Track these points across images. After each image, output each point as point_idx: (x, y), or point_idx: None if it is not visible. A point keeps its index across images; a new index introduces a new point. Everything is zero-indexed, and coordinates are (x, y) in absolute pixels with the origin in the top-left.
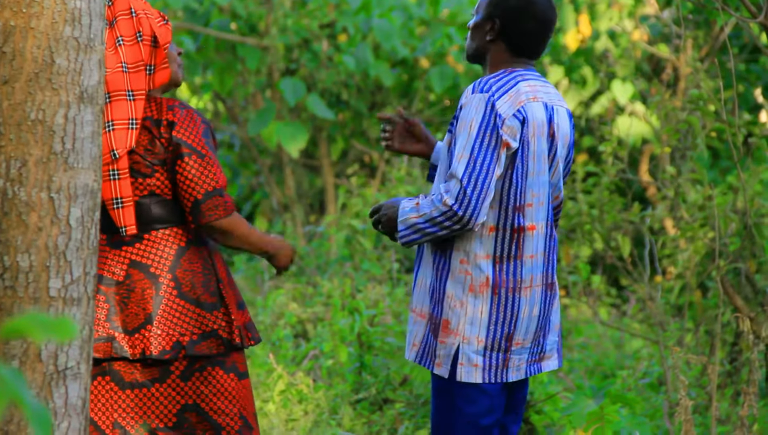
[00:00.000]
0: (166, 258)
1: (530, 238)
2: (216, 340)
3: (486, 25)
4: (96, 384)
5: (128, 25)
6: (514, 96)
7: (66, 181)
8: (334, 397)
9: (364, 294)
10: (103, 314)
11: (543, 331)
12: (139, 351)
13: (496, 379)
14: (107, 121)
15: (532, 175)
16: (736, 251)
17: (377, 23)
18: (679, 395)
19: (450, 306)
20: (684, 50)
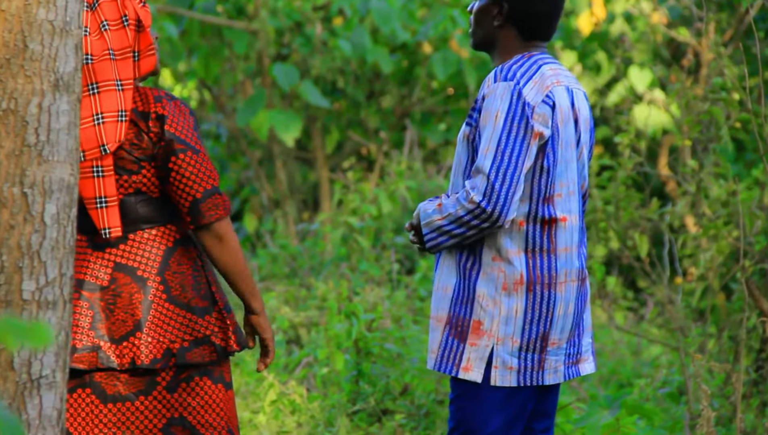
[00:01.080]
0: (153, 260)
1: (563, 230)
2: (209, 347)
3: (492, 9)
4: (75, 397)
5: (112, 8)
6: (539, 81)
7: (40, 176)
8: (330, 408)
9: (361, 297)
10: (87, 322)
11: (578, 329)
12: (128, 361)
13: (531, 381)
14: (96, 113)
15: (562, 163)
16: (763, 251)
17: (375, 5)
18: (701, 406)
19: (482, 306)
20: (706, 34)
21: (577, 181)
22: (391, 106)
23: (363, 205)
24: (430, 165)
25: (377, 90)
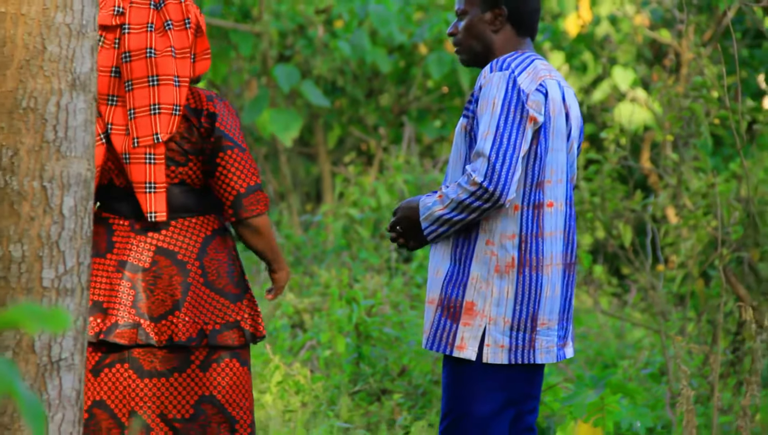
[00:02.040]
0: (193, 246)
1: (550, 215)
2: (238, 332)
3: (489, 15)
4: (114, 371)
5: (177, 10)
6: (533, 72)
7: (59, 170)
8: (332, 388)
9: (361, 284)
10: (129, 301)
11: (567, 314)
12: (165, 338)
13: (522, 359)
14: (153, 103)
15: (552, 151)
16: (740, 240)
17: (374, 8)
18: (681, 385)
19: (475, 288)
20: (686, 35)
21: (566, 171)
22: (389, 104)
23: (363, 197)
24: (427, 159)
25: (376, 89)
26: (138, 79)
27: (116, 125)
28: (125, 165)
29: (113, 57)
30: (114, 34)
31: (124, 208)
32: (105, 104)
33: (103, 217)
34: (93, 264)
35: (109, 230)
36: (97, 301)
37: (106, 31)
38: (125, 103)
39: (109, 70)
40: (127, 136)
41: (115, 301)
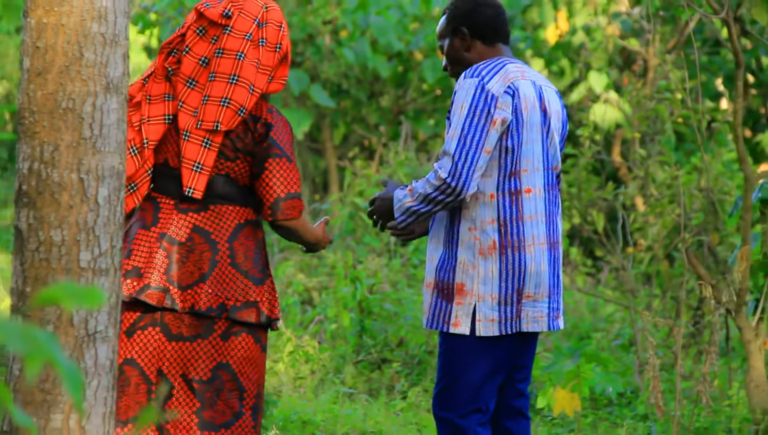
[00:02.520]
0: (226, 229)
1: (528, 200)
2: (256, 311)
3: (456, 41)
4: (146, 334)
5: (274, 34)
6: (503, 75)
7: (94, 164)
8: (338, 358)
9: (364, 265)
10: (163, 267)
11: (557, 289)
12: (188, 305)
13: (511, 329)
14: (225, 97)
15: (527, 143)
16: (700, 225)
17: (374, 20)
18: (648, 355)
19: (463, 271)
20: (653, 44)
21: (542, 160)
22: (389, 105)
23: (368, 188)
24: (422, 154)
25: (376, 91)
26: (222, 73)
27: (187, 105)
28: (183, 141)
29: (207, 49)
30: (216, 31)
31: (172, 188)
32: (183, 84)
33: (152, 196)
34: (138, 235)
35: (156, 207)
36: (137, 266)
37: (211, 26)
38: (202, 90)
39: (200, 58)
40: (193, 117)
41: (151, 267)
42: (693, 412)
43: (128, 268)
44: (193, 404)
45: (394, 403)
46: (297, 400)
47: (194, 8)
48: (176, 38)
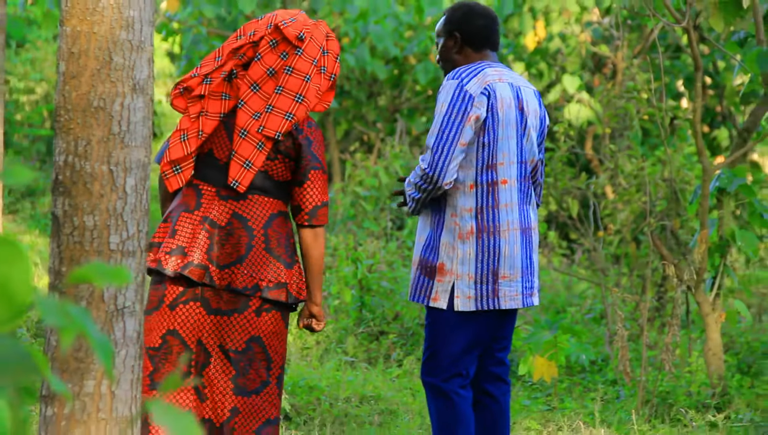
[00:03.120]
0: (261, 217)
1: (504, 191)
2: (285, 292)
3: (450, 42)
4: (188, 308)
5: (332, 64)
6: (481, 78)
7: (122, 157)
8: (340, 330)
9: (364, 247)
10: (204, 247)
11: (530, 269)
12: (225, 283)
13: (487, 306)
14: (289, 112)
15: (502, 139)
16: (663, 211)
17: (373, 28)
18: (617, 327)
19: (445, 252)
20: (621, 49)
21: (517, 154)
22: (386, 104)
23: (367, 178)
24: (415, 148)
25: (375, 92)
26: (289, 90)
27: (248, 106)
28: (239, 137)
29: (275, 61)
30: (287, 47)
31: (215, 176)
32: (248, 87)
33: (195, 183)
34: (181, 217)
35: (198, 193)
36: (181, 245)
37: (284, 42)
38: (266, 98)
39: (268, 68)
40: (253, 119)
41: (194, 247)
42: (657, 378)
43: (173, 246)
44: (229, 371)
45: (391, 371)
46: (304, 368)
47: (272, 21)
48: (247, 44)
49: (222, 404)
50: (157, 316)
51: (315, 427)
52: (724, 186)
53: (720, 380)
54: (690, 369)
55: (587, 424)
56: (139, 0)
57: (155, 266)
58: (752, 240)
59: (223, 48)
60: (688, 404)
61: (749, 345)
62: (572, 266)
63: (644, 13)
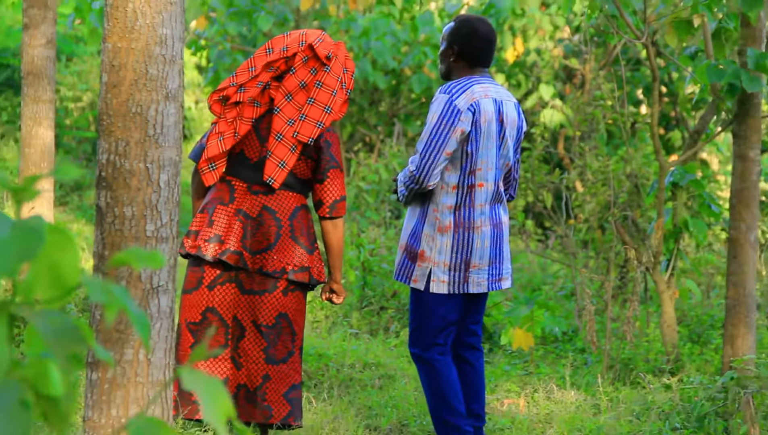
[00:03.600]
0: (287, 209)
1: (480, 192)
2: (308, 274)
3: (449, 51)
4: (225, 289)
5: (350, 81)
6: (468, 95)
7: (157, 156)
8: (346, 306)
9: (366, 234)
10: (239, 236)
11: (498, 259)
12: (257, 267)
13: (458, 290)
14: (320, 121)
15: (482, 149)
16: (625, 203)
17: (374, 44)
18: (585, 302)
19: (426, 241)
20: (589, 62)
21: (495, 161)
22: (385, 110)
23: (368, 174)
24: (411, 148)
25: (376, 99)
26: (320, 102)
27: (283, 113)
28: (275, 140)
29: (306, 76)
30: (316, 64)
31: (246, 174)
32: (282, 96)
33: (227, 179)
34: (218, 209)
35: (231, 188)
36: (218, 234)
37: (315, 60)
38: (299, 107)
39: (300, 81)
40: (288, 125)
41: (230, 235)
42: (619, 347)
43: (211, 235)
44: (261, 343)
45: (390, 341)
46: (314, 339)
47: (304, 40)
48: (280, 59)
49: (255, 372)
50: (196, 295)
51: (324, 389)
52: (678, 181)
53: (674, 348)
54: (648, 339)
55: (559, 387)
56: (171, 20)
57: (195, 252)
58: (702, 227)
59: (255, 60)
60: (646, 369)
61: (699, 318)
62: (546, 250)
63: (609, 31)
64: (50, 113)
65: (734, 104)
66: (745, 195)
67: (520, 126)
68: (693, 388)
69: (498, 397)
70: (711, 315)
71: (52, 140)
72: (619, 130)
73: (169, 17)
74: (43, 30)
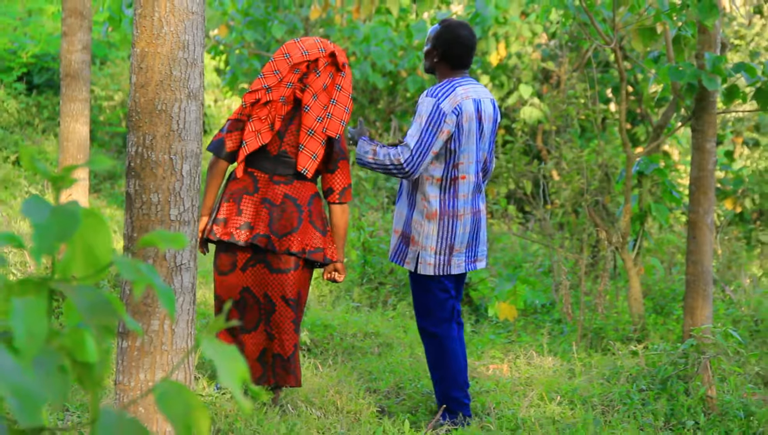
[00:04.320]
0: (306, 197)
1: (462, 184)
2: (322, 254)
3: (432, 52)
4: (255, 269)
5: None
6: (452, 98)
7: (180, 148)
8: (348, 282)
9: (366, 217)
10: (266, 221)
11: (475, 242)
12: (284, 248)
13: (442, 271)
14: (342, 120)
15: (464, 145)
16: (597, 190)
17: (374, 49)
18: (561, 278)
19: (415, 227)
20: (564, 65)
21: (475, 156)
22: (383, 107)
23: None
24: None
25: (375, 98)
26: (341, 102)
27: (312, 111)
28: (306, 135)
29: (326, 80)
30: (332, 69)
31: (268, 166)
32: (310, 96)
33: (249, 171)
34: (244, 199)
35: (254, 180)
36: (248, 221)
37: (332, 66)
38: (323, 106)
39: (323, 83)
40: (318, 121)
41: (258, 221)
42: (592, 317)
43: (241, 222)
44: (289, 314)
45: (387, 313)
46: (320, 311)
47: (324, 47)
48: (304, 62)
49: (288, 341)
50: (233, 277)
51: (329, 356)
52: (643, 170)
53: (640, 319)
54: (617, 310)
55: (539, 353)
56: (192, 27)
57: (228, 239)
58: (664, 211)
59: (277, 64)
60: (616, 337)
61: (662, 292)
62: (527, 232)
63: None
64: (86, 111)
65: (692, 102)
66: (703, 182)
67: (496, 118)
68: (657, 354)
69: (484, 362)
70: (673, 289)
71: (88, 135)
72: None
73: (191, 25)
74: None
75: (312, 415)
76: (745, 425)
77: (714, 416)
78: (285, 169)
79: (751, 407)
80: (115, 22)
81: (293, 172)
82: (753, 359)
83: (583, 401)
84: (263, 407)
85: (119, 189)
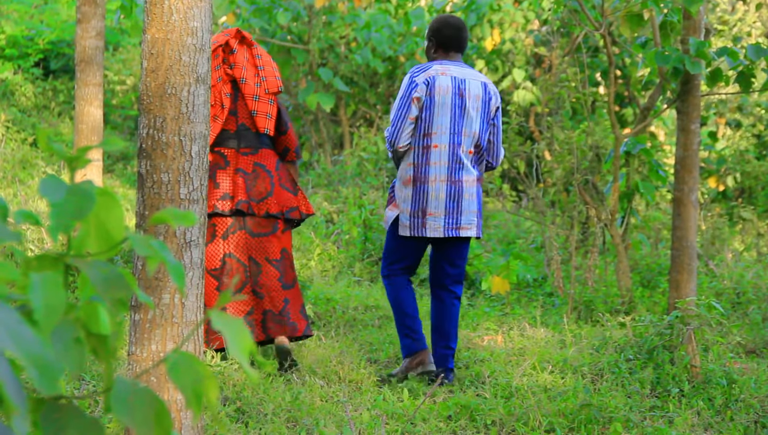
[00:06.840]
0: (272, 163)
1: (434, 152)
2: (298, 212)
3: (429, 45)
4: (237, 235)
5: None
6: (426, 72)
7: (189, 130)
8: (350, 258)
9: (367, 196)
10: (244, 189)
11: (457, 210)
12: (263, 211)
13: (417, 233)
14: (261, 76)
15: (436, 116)
16: (587, 169)
17: (374, 35)
18: (553, 253)
19: (397, 193)
20: (555, 50)
21: (450, 127)
22: (383, 91)
23: (368, 145)
24: None
25: (375, 82)
26: (267, 65)
27: (248, 80)
28: (253, 101)
29: (246, 55)
30: (245, 47)
31: (231, 143)
32: (240, 70)
33: (216, 150)
34: (218, 173)
35: (223, 156)
36: (226, 192)
37: (244, 44)
38: (254, 74)
39: (245, 57)
40: (256, 87)
41: (237, 189)
42: (582, 291)
43: (220, 194)
44: (275, 274)
45: None
46: (323, 286)
47: (229, 31)
48: (219, 47)
49: (277, 298)
50: (212, 247)
51: (332, 328)
52: (630, 150)
53: (627, 292)
54: (605, 284)
55: (531, 325)
56: (200, 14)
57: (212, 210)
58: (651, 189)
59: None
60: (605, 310)
61: (648, 266)
62: (520, 209)
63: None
64: (99, 95)
65: (678, 85)
66: (687, 162)
67: (487, 100)
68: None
69: (479, 334)
70: (659, 263)
71: (101, 117)
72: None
73: (199, 12)
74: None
75: (315, 384)
76: (727, 392)
77: (698, 384)
78: (248, 142)
79: (733, 375)
80: (127, 9)
81: (256, 143)
82: (735, 329)
83: (573, 370)
84: (269, 377)
85: (131, 169)
